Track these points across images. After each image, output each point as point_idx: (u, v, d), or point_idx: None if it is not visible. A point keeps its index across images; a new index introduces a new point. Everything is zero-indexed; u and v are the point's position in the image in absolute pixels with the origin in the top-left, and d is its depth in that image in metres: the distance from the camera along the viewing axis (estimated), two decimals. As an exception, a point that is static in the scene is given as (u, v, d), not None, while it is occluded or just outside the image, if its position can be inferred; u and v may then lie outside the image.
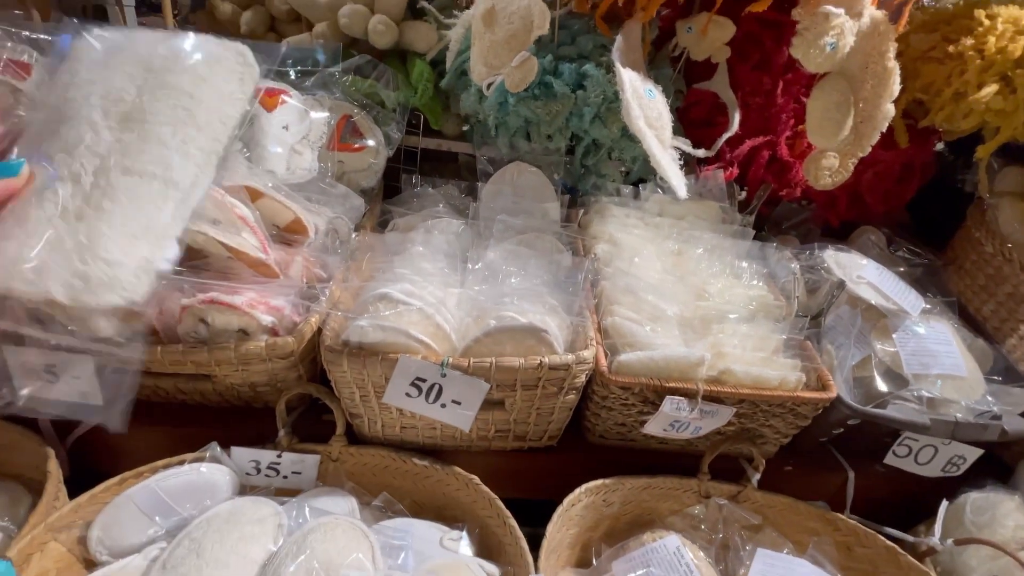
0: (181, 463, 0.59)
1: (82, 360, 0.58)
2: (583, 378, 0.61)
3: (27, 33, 0.80)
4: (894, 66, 0.74)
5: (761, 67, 0.92)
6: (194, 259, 0.60)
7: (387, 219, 0.82)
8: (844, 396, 0.67)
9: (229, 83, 0.60)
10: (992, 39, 0.77)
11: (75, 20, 0.88)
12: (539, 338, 0.58)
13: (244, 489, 0.63)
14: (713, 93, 0.94)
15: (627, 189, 0.89)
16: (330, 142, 0.77)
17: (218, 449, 0.60)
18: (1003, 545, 0.60)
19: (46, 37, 0.82)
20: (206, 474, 0.59)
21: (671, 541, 0.66)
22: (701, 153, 0.83)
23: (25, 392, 0.60)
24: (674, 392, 0.61)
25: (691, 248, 0.78)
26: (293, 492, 0.64)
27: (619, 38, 0.75)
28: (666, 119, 0.72)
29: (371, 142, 0.79)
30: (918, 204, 1.07)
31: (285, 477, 0.64)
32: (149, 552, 0.56)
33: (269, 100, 0.69)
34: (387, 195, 0.91)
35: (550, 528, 0.59)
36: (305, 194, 0.71)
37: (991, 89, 0.75)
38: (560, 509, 0.61)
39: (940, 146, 1.07)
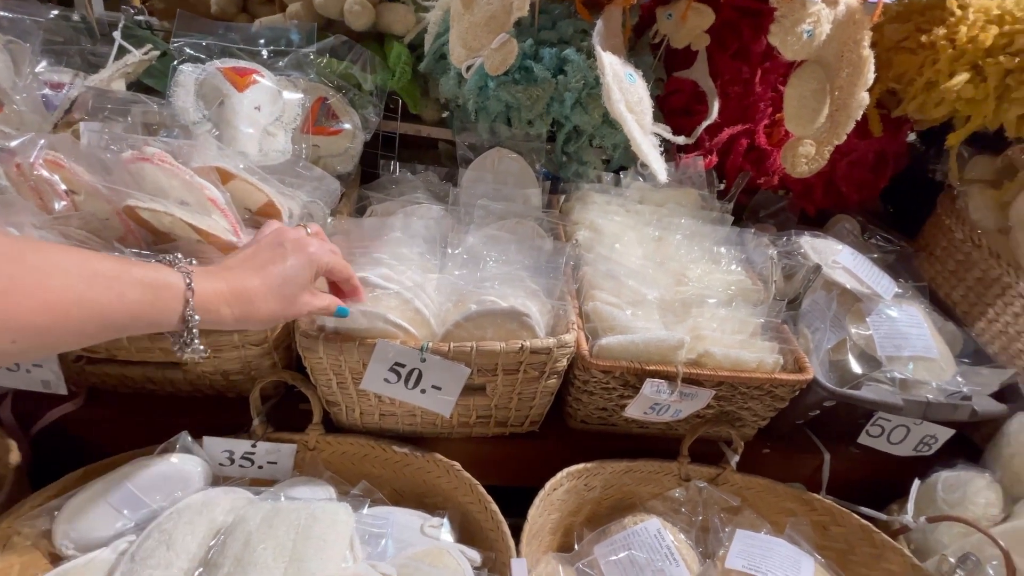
0: (150, 454, 0.57)
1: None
2: (565, 362, 0.61)
3: (-14, 7, 0.77)
4: (869, 54, 0.75)
5: (740, 56, 0.93)
6: (162, 243, 0.58)
7: (365, 205, 0.81)
8: (820, 378, 0.69)
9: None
10: (963, 28, 0.78)
11: None
12: (520, 322, 0.58)
13: (218, 480, 0.62)
14: (693, 82, 0.94)
15: (608, 176, 0.89)
16: (304, 125, 0.75)
17: (188, 439, 0.58)
18: (974, 522, 0.62)
19: (6, 14, 0.79)
20: (177, 465, 0.57)
21: (652, 524, 0.66)
22: (681, 140, 0.84)
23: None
24: (654, 375, 0.61)
25: (671, 234, 0.78)
26: (270, 482, 0.63)
27: (599, 23, 0.74)
28: (646, 104, 0.72)
29: (347, 125, 0.77)
30: (892, 194, 1.09)
31: (260, 467, 0.62)
32: (118, 546, 0.54)
33: (240, 79, 0.67)
34: (364, 182, 0.89)
35: (532, 512, 0.58)
36: (279, 177, 0.69)
37: (962, 78, 0.76)
38: (542, 493, 0.61)
39: (912, 137, 1.09)
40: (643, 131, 0.71)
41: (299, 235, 0.49)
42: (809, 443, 0.78)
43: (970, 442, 0.80)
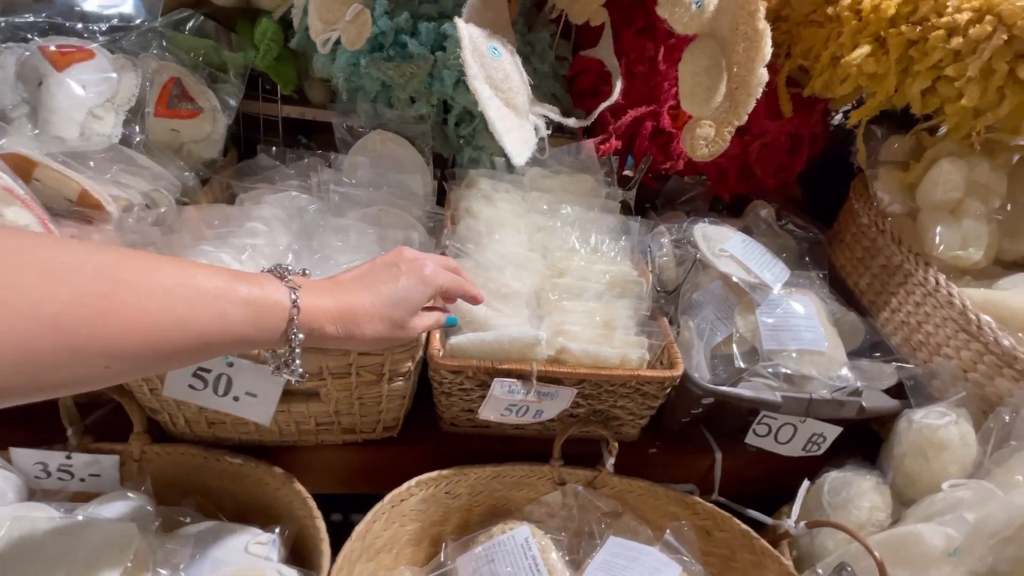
0: (-60, 469, 0.52)
1: None
2: (409, 364, 0.56)
3: None
4: (765, 27, 0.69)
5: (645, 33, 0.88)
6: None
7: (234, 193, 0.75)
8: (704, 375, 0.64)
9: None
10: (868, -1, 0.73)
11: None
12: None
13: (35, 494, 0.57)
14: (600, 61, 0.89)
15: (501, 161, 0.84)
16: (141, 106, 0.69)
17: (-18, 452, 0.53)
18: (849, 528, 0.58)
19: None
20: (-25, 480, 0.52)
21: (520, 532, 0.62)
22: (571, 122, 0.79)
23: None
24: (505, 374, 0.56)
25: (556, 223, 0.73)
26: (96, 496, 0.58)
27: (476, -7, 0.69)
28: (515, 81, 0.67)
29: (205, 107, 0.71)
30: (817, 179, 1.05)
31: (82, 480, 0.57)
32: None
33: (61, 58, 0.61)
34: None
35: (360, 528, 0.54)
36: (122, 165, 0.64)
37: (862, 51, 0.71)
38: (382, 506, 0.56)
39: (840, 119, 1.04)
40: (511, 109, 0.65)
41: (416, 255, 0.47)
42: (702, 441, 0.73)
43: (877, 437, 0.76)
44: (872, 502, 0.61)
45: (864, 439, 0.74)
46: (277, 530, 0.55)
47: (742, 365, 0.65)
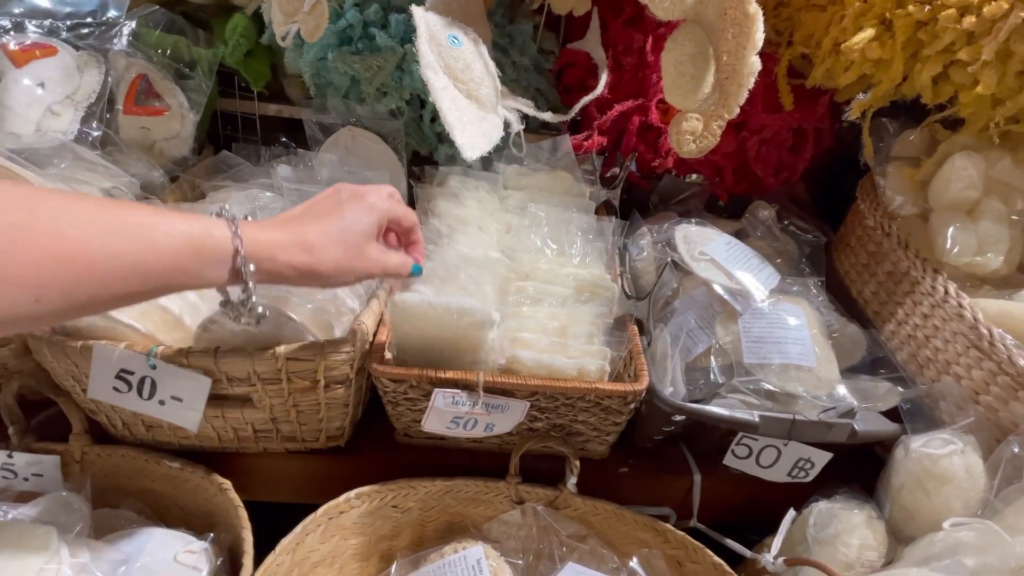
0: None
1: None
2: (347, 369, 0.53)
3: None
4: (756, 11, 0.63)
5: (634, 23, 0.83)
6: None
7: (203, 192, 0.74)
8: (679, 389, 0.59)
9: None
10: (873, -22, 0.66)
11: None
12: (279, 323, 0.50)
13: (-19, 492, 0.56)
14: (588, 54, 0.84)
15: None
16: (124, 104, 0.69)
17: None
18: (838, 568, 0.51)
19: None
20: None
21: (473, 553, 0.58)
22: (549, 116, 0.74)
23: None
24: (450, 384, 0.52)
25: (526, 223, 0.69)
26: (40, 495, 0.57)
27: (443, -18, 0.65)
28: (478, 71, 0.63)
29: (172, 104, 0.70)
30: (828, 179, 0.97)
31: (26, 479, 0.57)
32: None
33: (21, 55, 0.61)
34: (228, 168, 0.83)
35: (287, 541, 0.51)
36: (78, 163, 0.63)
37: (865, 35, 0.64)
38: (315, 518, 0.53)
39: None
40: (472, 101, 0.62)
41: (357, 187, 0.46)
42: (682, 461, 0.68)
43: (880, 461, 0.69)
44: (863, 539, 0.54)
45: (868, 464, 0.67)
46: (210, 537, 0.52)
47: (719, 380, 0.59)
